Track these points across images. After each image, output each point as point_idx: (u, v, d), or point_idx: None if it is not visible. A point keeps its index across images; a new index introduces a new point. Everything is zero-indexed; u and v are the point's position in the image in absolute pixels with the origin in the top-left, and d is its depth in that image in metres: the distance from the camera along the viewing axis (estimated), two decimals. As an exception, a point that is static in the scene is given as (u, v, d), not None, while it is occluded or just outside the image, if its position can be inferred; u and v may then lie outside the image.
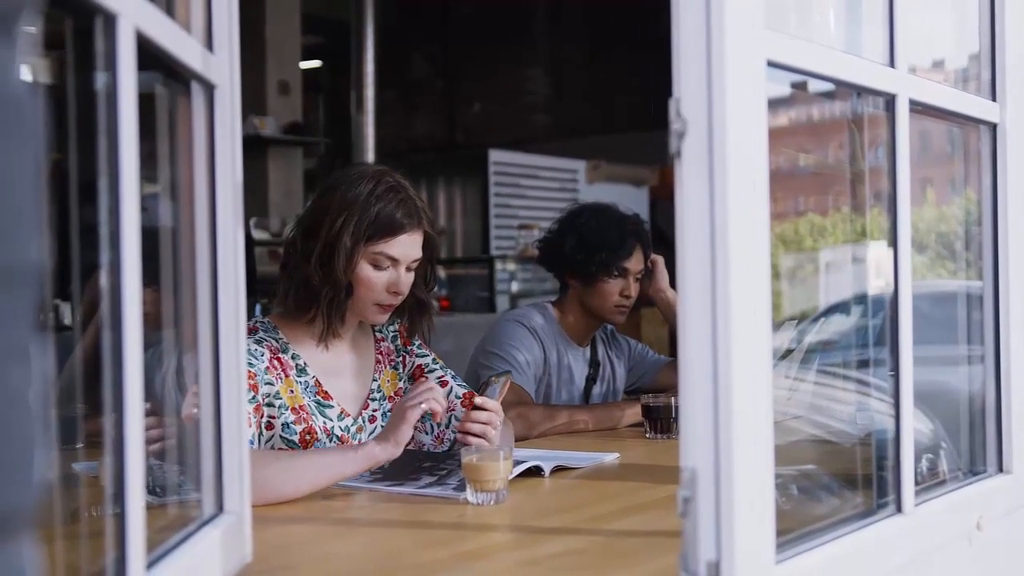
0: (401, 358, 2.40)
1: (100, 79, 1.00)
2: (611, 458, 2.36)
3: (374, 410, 2.31)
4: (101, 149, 1.00)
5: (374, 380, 2.33)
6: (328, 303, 2.18)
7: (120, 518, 1.01)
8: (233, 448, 1.39)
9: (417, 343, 2.42)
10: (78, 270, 1.07)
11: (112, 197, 1.00)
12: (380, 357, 2.37)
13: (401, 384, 2.38)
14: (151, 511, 1.09)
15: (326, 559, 1.60)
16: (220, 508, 1.38)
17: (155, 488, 1.36)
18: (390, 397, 2.34)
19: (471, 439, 2.15)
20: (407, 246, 2.20)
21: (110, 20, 0.99)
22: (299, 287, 2.19)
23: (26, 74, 0.58)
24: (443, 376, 2.39)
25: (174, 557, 1.18)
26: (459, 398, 2.35)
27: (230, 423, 1.39)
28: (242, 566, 1.41)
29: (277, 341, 2.21)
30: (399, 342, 2.41)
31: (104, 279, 1.00)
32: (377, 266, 2.19)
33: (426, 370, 2.39)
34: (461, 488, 1.91)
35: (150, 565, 1.08)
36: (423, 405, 1.99)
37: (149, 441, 1.12)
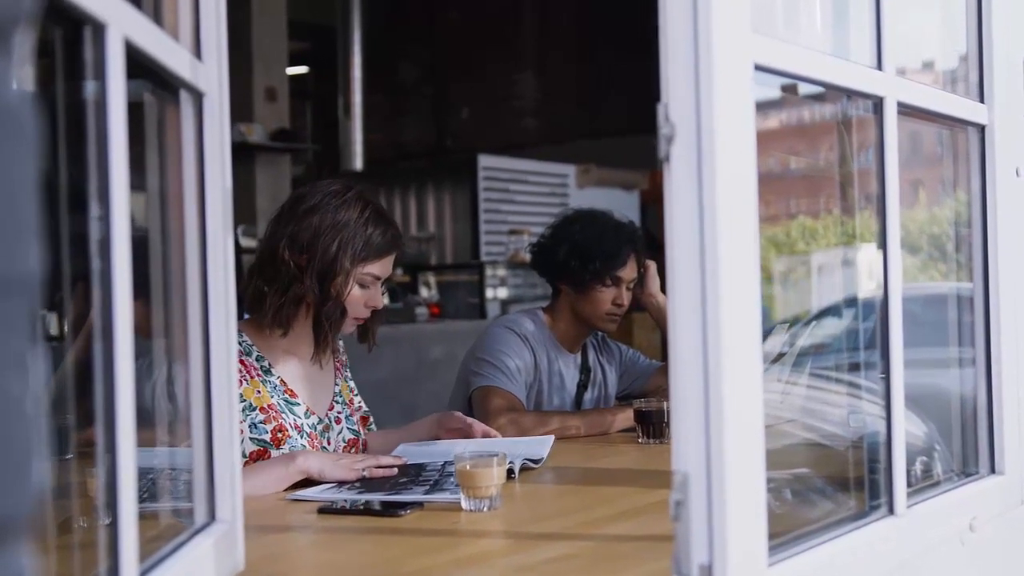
0: (348, 372, 2.53)
1: (89, 88, 1.00)
2: (549, 440, 2.43)
3: (338, 412, 2.43)
4: (90, 158, 1.00)
5: (336, 385, 2.46)
6: (331, 323, 2.29)
7: (113, 528, 1.00)
8: (225, 457, 1.39)
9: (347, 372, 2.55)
10: (69, 280, 1.06)
11: (102, 206, 0.99)
12: (339, 366, 2.50)
13: (352, 395, 2.53)
14: (142, 520, 1.08)
15: (318, 567, 1.60)
16: (212, 517, 1.37)
17: (144, 496, 1.35)
18: (348, 403, 2.47)
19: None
20: (389, 265, 2.36)
21: (99, 29, 0.99)
22: (290, 304, 2.27)
23: (22, 83, 0.58)
24: (361, 403, 2.55)
25: (166, 566, 1.18)
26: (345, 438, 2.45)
27: (222, 432, 1.38)
28: (234, 575, 1.41)
29: (240, 344, 2.26)
30: (345, 358, 2.54)
31: (95, 288, 1.00)
32: (362, 285, 2.31)
33: (353, 394, 2.53)
34: (458, 492, 1.90)
35: (142, 574, 1.08)
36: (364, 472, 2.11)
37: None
